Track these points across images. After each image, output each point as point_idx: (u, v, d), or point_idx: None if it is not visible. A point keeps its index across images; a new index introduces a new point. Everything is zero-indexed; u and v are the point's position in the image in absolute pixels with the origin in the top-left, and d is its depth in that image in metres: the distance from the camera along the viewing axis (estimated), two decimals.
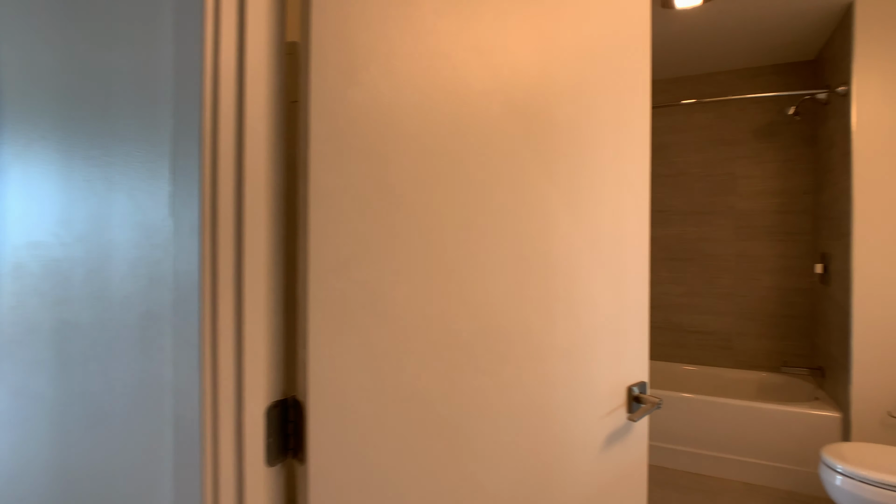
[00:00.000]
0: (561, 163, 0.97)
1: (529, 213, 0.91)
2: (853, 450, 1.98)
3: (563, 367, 1.00)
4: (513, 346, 0.87)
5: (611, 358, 1.15)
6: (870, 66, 2.24)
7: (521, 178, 0.88)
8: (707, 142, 3.23)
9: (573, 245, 1.02)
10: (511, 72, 0.84)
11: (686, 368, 3.27)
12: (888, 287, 2.23)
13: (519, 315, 0.88)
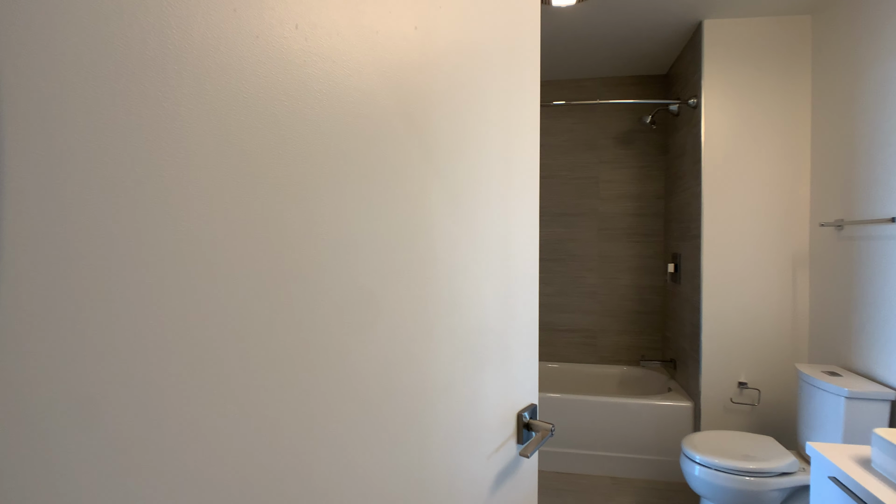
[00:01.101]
0: (442, 151, 0.71)
1: (407, 205, 0.63)
2: (707, 439, 2.06)
3: (442, 408, 0.74)
4: (370, 398, 0.58)
5: (500, 383, 0.93)
6: (715, 81, 2.38)
7: (397, 162, 0.60)
8: (574, 145, 3.28)
9: (458, 250, 0.76)
10: (388, 43, 0.57)
11: (552, 366, 3.29)
12: (731, 285, 2.39)
13: (382, 353, 0.60)
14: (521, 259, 0.96)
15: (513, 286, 0.94)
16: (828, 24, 2.19)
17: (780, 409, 2.37)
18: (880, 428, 1.13)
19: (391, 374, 0.60)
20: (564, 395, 2.65)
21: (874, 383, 1.79)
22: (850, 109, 2.01)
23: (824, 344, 2.19)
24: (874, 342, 1.86)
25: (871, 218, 1.87)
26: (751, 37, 2.35)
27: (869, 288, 1.88)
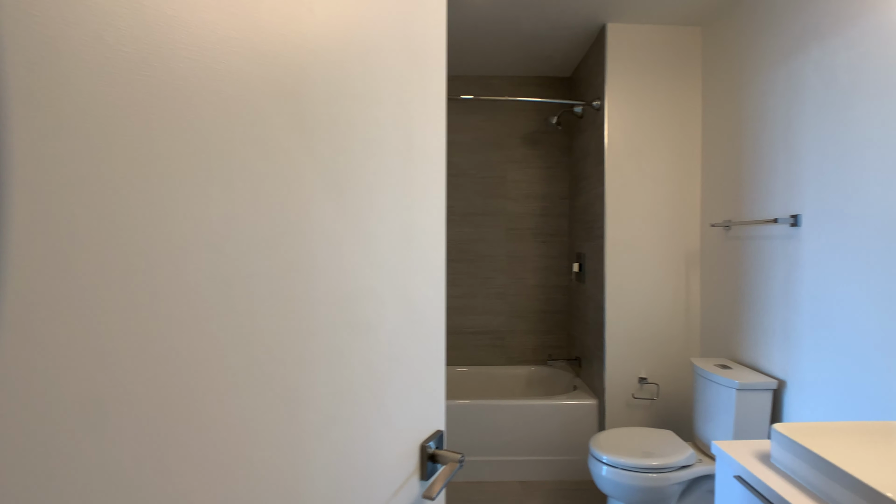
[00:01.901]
0: (325, 136, 0.53)
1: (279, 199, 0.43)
2: (612, 437, 2.05)
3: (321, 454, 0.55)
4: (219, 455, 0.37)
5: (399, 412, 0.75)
6: (617, 84, 2.41)
7: (264, 145, 0.41)
8: (482, 144, 3.21)
9: (344, 253, 0.58)
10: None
11: (461, 371, 3.19)
12: (631, 283, 2.43)
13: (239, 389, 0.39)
14: (424, 265, 0.80)
15: (415, 297, 0.77)
16: (715, 37, 2.30)
17: (678, 401, 2.45)
18: (779, 423, 1.12)
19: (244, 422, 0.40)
20: (473, 400, 2.54)
21: (759, 374, 1.88)
22: (735, 117, 2.11)
23: (715, 338, 2.29)
24: (758, 335, 1.95)
25: (756, 219, 1.97)
26: (650, 43, 2.41)
27: (753, 284, 1.98)
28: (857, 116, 1.46)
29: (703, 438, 2.03)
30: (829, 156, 1.58)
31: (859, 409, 1.46)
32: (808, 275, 1.67)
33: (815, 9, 1.64)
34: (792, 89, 1.75)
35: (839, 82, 1.53)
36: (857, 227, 1.47)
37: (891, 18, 1.34)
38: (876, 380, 1.40)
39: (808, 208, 1.67)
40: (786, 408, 1.79)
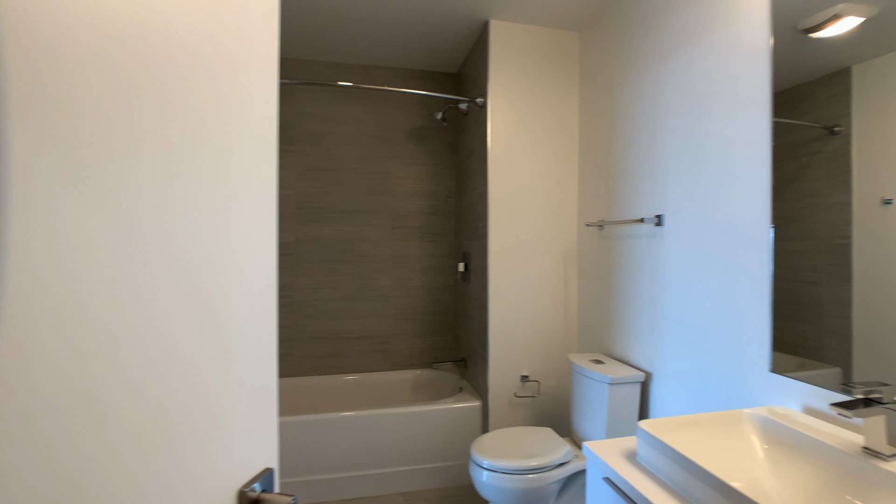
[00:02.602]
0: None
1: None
2: (494, 440, 1.99)
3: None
4: None
5: (200, 452, 0.55)
6: (501, 83, 2.38)
7: None
8: (365, 137, 3.01)
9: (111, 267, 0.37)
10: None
11: (347, 379, 2.96)
12: (514, 282, 2.41)
13: None
14: (243, 277, 0.60)
15: (226, 315, 0.57)
16: (591, 43, 2.36)
17: (558, 398, 2.48)
18: (644, 420, 1.10)
19: None
20: (357, 411, 2.34)
21: (629, 367, 1.93)
22: (608, 120, 2.18)
23: (591, 333, 2.35)
24: (629, 330, 2.02)
25: (625, 219, 2.04)
26: (531, 44, 2.41)
27: (624, 281, 2.05)
28: (710, 124, 1.54)
29: (579, 433, 2.05)
30: (686, 160, 1.65)
31: (713, 398, 1.53)
32: (672, 272, 1.74)
33: (677, 20, 1.72)
34: (657, 96, 1.83)
35: (696, 91, 1.61)
36: (707, 230, 1.55)
37: (738, 31, 1.42)
38: (724, 371, 1.48)
39: (670, 209, 1.74)
40: (652, 398, 1.86)
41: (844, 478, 0.94)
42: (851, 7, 1.10)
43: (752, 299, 1.38)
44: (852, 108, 1.11)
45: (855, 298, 1.11)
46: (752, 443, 1.12)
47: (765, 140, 1.34)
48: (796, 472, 1.02)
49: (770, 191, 1.32)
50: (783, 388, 1.28)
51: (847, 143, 1.13)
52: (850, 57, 1.11)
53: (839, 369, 1.14)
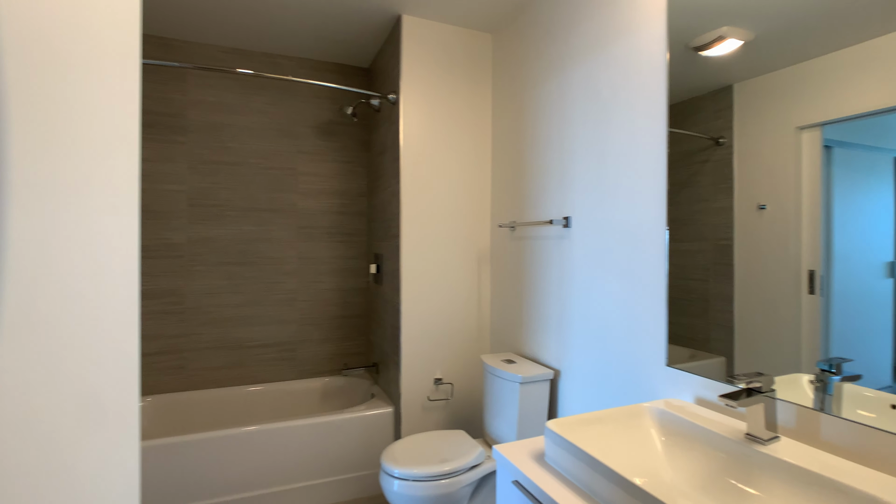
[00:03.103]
0: None
1: None
2: (406, 447, 1.94)
3: None
4: None
5: None
6: (413, 80, 2.34)
7: None
8: (268, 130, 2.82)
9: None
10: None
11: (250, 390, 2.75)
12: (427, 284, 2.38)
13: None
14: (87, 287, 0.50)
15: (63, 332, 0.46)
16: (503, 45, 2.41)
17: (471, 399, 2.50)
18: (552, 420, 1.12)
19: None
20: (260, 425, 2.17)
21: (539, 366, 1.99)
22: (519, 123, 2.24)
23: (503, 334, 2.40)
24: (539, 329, 2.08)
25: (535, 220, 2.10)
26: (445, 43, 2.41)
27: (534, 281, 2.11)
28: (614, 130, 1.63)
29: (492, 434, 2.07)
30: (591, 164, 1.74)
31: (617, 392, 1.62)
32: (578, 272, 1.82)
33: (583, 28, 1.80)
34: (564, 100, 1.90)
35: (600, 97, 1.70)
36: (610, 232, 1.64)
37: (639, 43, 1.52)
38: (626, 366, 1.57)
39: (577, 211, 1.82)
40: (560, 395, 1.93)
41: (730, 463, 1.03)
42: (733, 30, 1.21)
43: (650, 297, 1.48)
44: (734, 122, 1.23)
45: (736, 294, 1.23)
46: (652, 436, 1.19)
47: (661, 148, 1.43)
48: (690, 460, 1.10)
49: (666, 196, 1.42)
50: (678, 380, 1.38)
51: (730, 153, 1.24)
52: (732, 76, 1.23)
53: (723, 358, 1.26)
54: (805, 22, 1.06)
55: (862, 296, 0.98)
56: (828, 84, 1.02)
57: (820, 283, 1.05)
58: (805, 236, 1.07)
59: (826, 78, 1.02)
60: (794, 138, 1.09)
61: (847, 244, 1.00)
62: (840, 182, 1.01)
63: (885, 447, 0.91)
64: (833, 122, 1.01)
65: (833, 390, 1.00)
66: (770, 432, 1.02)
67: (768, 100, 1.14)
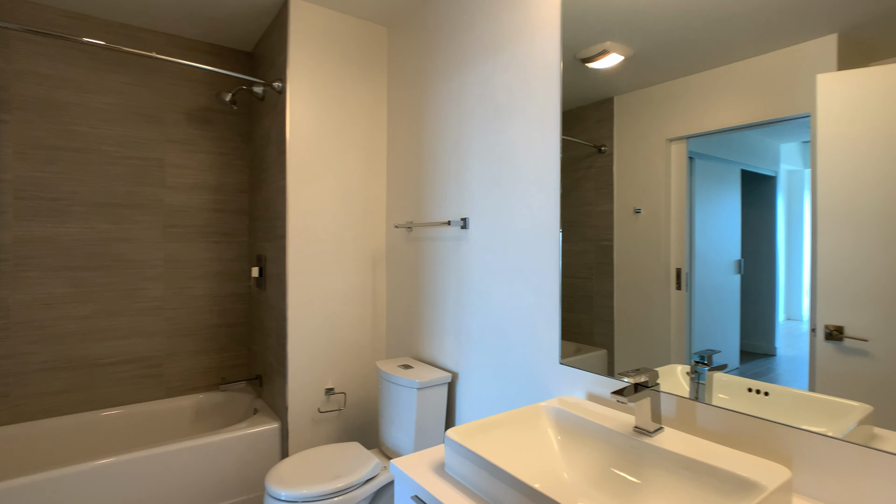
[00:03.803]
0: None
1: None
2: (294, 466, 1.82)
3: None
4: None
5: None
6: (302, 69, 2.21)
7: None
8: (127, 114, 2.48)
9: None
10: None
11: (105, 415, 2.38)
12: (317, 287, 2.26)
13: None
14: None
15: None
16: (400, 40, 2.38)
17: (366, 408, 2.42)
18: (451, 428, 1.11)
19: None
20: (116, 457, 1.88)
21: (437, 369, 2.00)
22: (416, 121, 2.23)
23: (400, 338, 2.36)
24: (436, 331, 2.08)
25: (432, 221, 2.11)
26: (338, 32, 2.31)
27: (432, 283, 2.11)
28: (511, 133, 1.68)
29: (388, 443, 2.02)
30: (489, 165, 1.78)
31: (515, 392, 1.68)
32: (476, 273, 1.85)
33: (480, 29, 1.83)
34: (462, 101, 1.92)
35: (497, 100, 1.74)
36: (508, 233, 1.69)
37: (535, 49, 1.58)
38: (524, 365, 1.63)
39: (475, 213, 1.85)
40: (459, 398, 1.95)
41: (621, 456, 1.10)
42: (616, 46, 1.32)
43: (546, 296, 1.55)
44: (615, 132, 1.34)
45: (616, 291, 1.34)
46: (549, 436, 1.23)
47: (555, 153, 1.51)
48: (584, 457, 1.15)
49: (559, 199, 1.50)
50: (570, 377, 1.46)
51: (611, 161, 1.35)
52: (614, 88, 1.34)
53: (605, 351, 1.36)
54: (674, 44, 1.18)
55: (716, 290, 1.12)
56: (692, 101, 1.15)
57: (686, 279, 1.18)
58: (673, 237, 1.20)
59: (691, 96, 1.15)
60: (665, 149, 1.21)
61: (705, 244, 1.14)
62: (699, 189, 1.14)
63: (747, 429, 1.02)
64: (695, 135, 1.15)
65: (705, 379, 1.12)
66: (656, 424, 1.10)
67: (643, 112, 1.26)
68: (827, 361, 0.93)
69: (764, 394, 1.01)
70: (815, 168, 0.94)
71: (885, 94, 0.85)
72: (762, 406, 1.01)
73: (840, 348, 0.91)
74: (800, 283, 0.96)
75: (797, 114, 0.96)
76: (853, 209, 0.89)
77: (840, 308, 0.91)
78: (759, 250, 1.04)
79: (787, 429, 0.97)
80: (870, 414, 0.87)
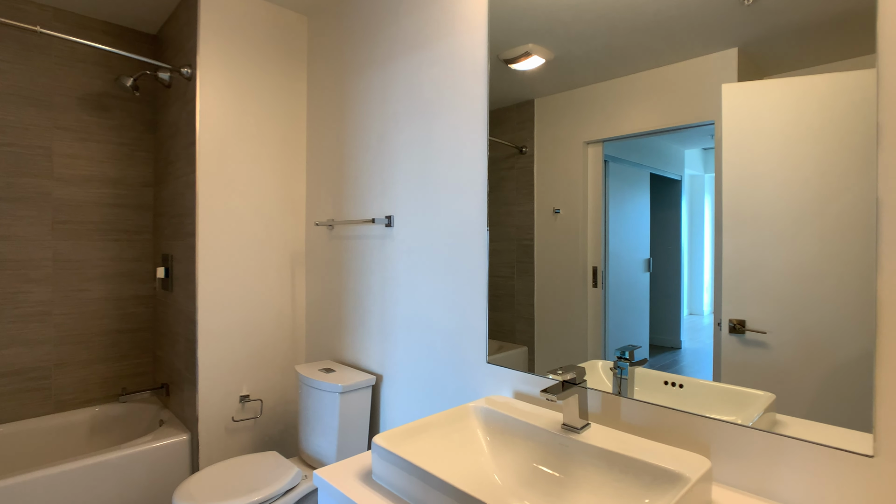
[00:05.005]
0: None
1: None
2: (206, 481, 1.68)
3: None
4: None
5: None
6: (214, 55, 2.05)
7: None
8: (7, 96, 2.18)
9: None
10: None
11: None
12: (230, 289, 2.11)
13: None
14: None
15: None
16: (320, 30, 2.28)
17: (285, 415, 2.30)
18: (379, 434, 1.07)
19: None
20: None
21: (360, 372, 1.93)
22: (337, 116, 2.14)
23: (321, 341, 2.26)
24: (359, 333, 2.02)
25: (355, 219, 2.04)
26: (254, 16, 2.17)
27: (355, 283, 2.04)
28: (437, 130, 1.65)
29: (309, 451, 1.93)
30: (415, 163, 1.74)
31: (443, 393, 1.66)
32: (402, 272, 1.80)
33: (407, 22, 1.79)
34: (386, 95, 1.87)
35: (424, 96, 1.71)
36: (435, 232, 1.67)
37: (462, 45, 1.56)
38: (452, 366, 1.62)
39: (401, 211, 1.81)
40: (384, 401, 1.90)
41: (550, 454, 1.09)
42: (538, 48, 1.34)
43: (473, 295, 1.53)
44: (535, 134, 1.36)
45: (536, 289, 1.36)
46: (479, 437, 1.21)
47: (482, 151, 1.50)
48: (514, 457, 1.14)
49: (486, 198, 1.49)
50: (497, 376, 1.45)
51: (531, 161, 1.37)
52: (534, 91, 1.35)
53: (526, 348, 1.38)
54: (592, 50, 1.21)
55: (628, 287, 1.16)
56: (608, 106, 1.18)
57: (601, 277, 1.22)
58: (590, 237, 1.23)
59: (607, 101, 1.19)
60: (583, 151, 1.24)
61: (618, 244, 1.18)
62: (613, 191, 1.19)
63: (668, 421, 1.06)
64: (611, 139, 1.18)
65: (628, 374, 1.15)
66: (583, 420, 1.10)
67: (562, 116, 1.28)
68: (731, 353, 0.98)
69: (679, 386, 1.06)
70: (719, 172, 0.99)
71: (779, 105, 0.92)
72: (679, 398, 1.05)
73: (742, 340, 0.96)
74: (701, 280, 1.02)
75: (702, 121, 1.02)
76: (754, 211, 0.95)
77: (742, 303, 0.96)
78: (666, 249, 1.09)
79: (704, 420, 1.01)
80: (773, 402, 0.93)
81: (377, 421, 1.93)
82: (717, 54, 0.99)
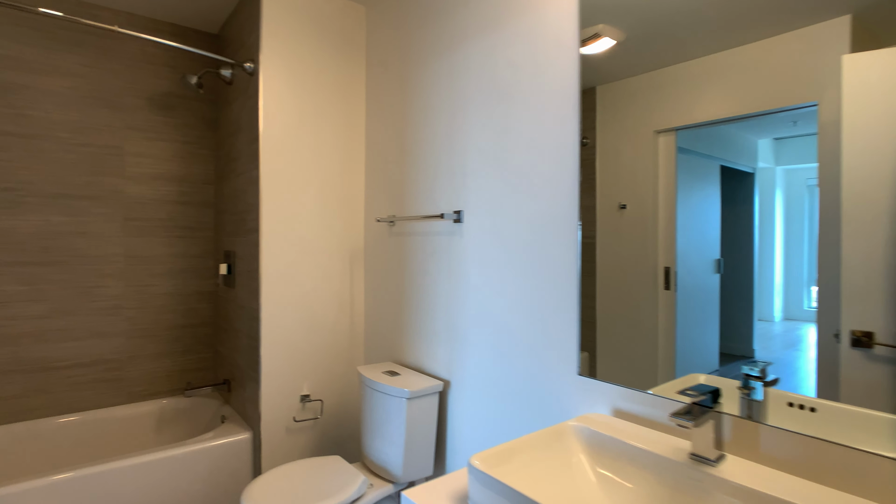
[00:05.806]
0: None
1: None
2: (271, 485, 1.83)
3: None
4: None
5: None
6: (276, 50, 2.28)
7: None
8: (83, 98, 2.54)
9: None
10: None
11: (62, 422, 2.46)
12: (292, 286, 2.34)
13: None
14: None
15: None
16: (379, 19, 2.45)
17: (345, 416, 2.51)
18: (476, 455, 1.07)
19: None
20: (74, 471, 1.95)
21: (426, 377, 2.03)
22: (399, 108, 2.30)
23: (380, 341, 2.44)
24: (424, 335, 2.15)
25: (420, 214, 2.16)
26: (312, 9, 2.38)
27: (418, 282, 2.18)
28: (515, 115, 1.66)
29: (372, 457, 2.04)
30: (489, 153, 1.78)
31: (519, 404, 1.68)
32: (472, 271, 1.86)
33: (476, 2, 1.84)
34: (455, 82, 1.94)
35: (500, 79, 1.72)
36: (512, 227, 1.68)
37: (545, 17, 1.56)
38: (530, 374, 1.63)
39: (471, 205, 1.86)
40: (451, 408, 1.98)
41: (678, 490, 1.02)
42: (608, 29, 1.38)
43: (559, 299, 1.52)
44: (597, 124, 1.42)
45: (598, 291, 1.42)
46: (582, 461, 1.18)
47: (574, 134, 1.48)
48: (630, 490, 1.08)
49: (578, 186, 1.47)
50: (590, 390, 1.43)
51: (593, 153, 1.44)
52: (596, 78, 1.42)
53: (587, 354, 1.45)
54: (673, 27, 1.26)
55: (697, 290, 1.21)
56: (682, 91, 1.22)
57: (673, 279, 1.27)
58: (661, 235, 1.28)
59: (681, 85, 1.22)
60: (653, 141, 1.30)
61: (686, 243, 1.23)
62: (682, 185, 1.23)
63: (826, 457, 0.95)
64: (685, 127, 1.23)
65: (762, 396, 1.06)
66: (718, 451, 1.02)
67: (629, 103, 1.34)
68: (853, 369, 0.92)
69: (810, 409, 0.97)
70: (830, 161, 0.95)
71: None
72: (817, 425, 0.97)
73: (869, 356, 0.90)
74: (771, 284, 1.05)
75: (802, 103, 0.98)
76: (884, 207, 0.90)
77: (868, 313, 0.91)
78: (737, 249, 1.13)
79: (869, 456, 0.89)
80: None
81: (444, 430, 2.03)
82: (824, 23, 0.95)
